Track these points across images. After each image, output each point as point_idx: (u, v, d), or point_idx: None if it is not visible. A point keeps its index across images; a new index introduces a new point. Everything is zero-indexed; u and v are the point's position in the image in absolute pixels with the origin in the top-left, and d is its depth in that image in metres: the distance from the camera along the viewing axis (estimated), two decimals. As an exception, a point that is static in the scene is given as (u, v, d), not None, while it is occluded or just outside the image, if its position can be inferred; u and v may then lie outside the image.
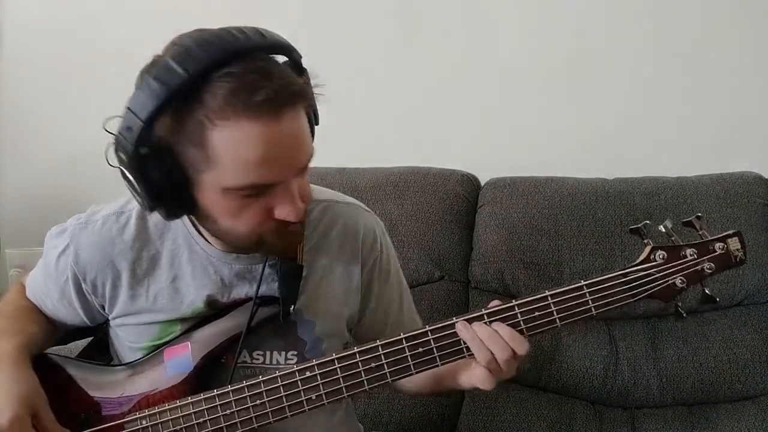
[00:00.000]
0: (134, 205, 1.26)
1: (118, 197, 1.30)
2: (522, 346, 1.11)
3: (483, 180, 2.12)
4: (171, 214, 1.10)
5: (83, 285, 1.25)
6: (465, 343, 1.13)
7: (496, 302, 1.15)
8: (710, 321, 1.84)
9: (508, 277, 1.94)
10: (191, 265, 1.24)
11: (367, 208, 1.39)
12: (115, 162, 1.06)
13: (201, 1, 2.30)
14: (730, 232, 1.16)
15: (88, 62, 2.44)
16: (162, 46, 1.10)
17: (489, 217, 2.00)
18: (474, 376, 1.15)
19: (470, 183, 2.09)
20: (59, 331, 1.36)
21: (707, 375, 1.80)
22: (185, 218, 1.23)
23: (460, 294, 1.99)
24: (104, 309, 1.28)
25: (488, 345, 1.11)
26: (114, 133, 1.03)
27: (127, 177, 1.04)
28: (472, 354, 1.13)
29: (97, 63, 2.43)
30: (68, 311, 1.30)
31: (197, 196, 1.07)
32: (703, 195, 1.92)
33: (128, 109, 1.00)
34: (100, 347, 1.40)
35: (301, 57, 1.08)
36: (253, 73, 0.98)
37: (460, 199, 2.04)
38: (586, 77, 2.22)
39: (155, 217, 1.24)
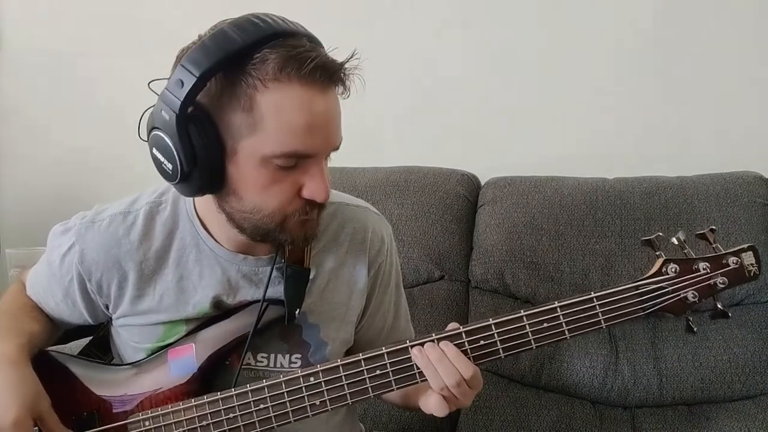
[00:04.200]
0: (141, 205, 1.25)
1: (119, 197, 1.30)
2: (467, 369, 1.10)
3: (483, 180, 2.12)
4: (198, 186, 1.10)
5: (88, 285, 1.24)
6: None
7: (453, 324, 1.15)
8: (710, 321, 1.83)
9: (508, 277, 1.94)
10: (199, 266, 1.23)
11: (377, 212, 1.39)
12: (146, 132, 1.08)
13: (202, 6, 2.29)
14: (745, 246, 1.14)
15: (89, 63, 2.44)
16: (163, 47, 1.12)
17: (489, 217, 2.00)
18: (429, 403, 1.16)
19: (470, 183, 2.09)
20: (60, 330, 1.36)
21: (707, 375, 1.80)
22: (194, 216, 1.23)
23: (460, 294, 1.99)
24: (108, 309, 1.28)
25: (437, 368, 1.10)
26: (159, 93, 1.06)
27: (163, 142, 1.05)
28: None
29: (98, 64, 2.43)
30: (72, 310, 1.29)
31: (229, 168, 1.08)
32: (703, 195, 1.92)
33: (182, 65, 1.01)
34: (101, 346, 1.39)
35: None
36: (304, 46, 1.04)
37: (460, 199, 2.04)
38: (585, 77, 2.23)
39: (162, 217, 1.24)
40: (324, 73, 1.04)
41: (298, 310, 1.22)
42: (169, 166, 1.06)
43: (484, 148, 2.30)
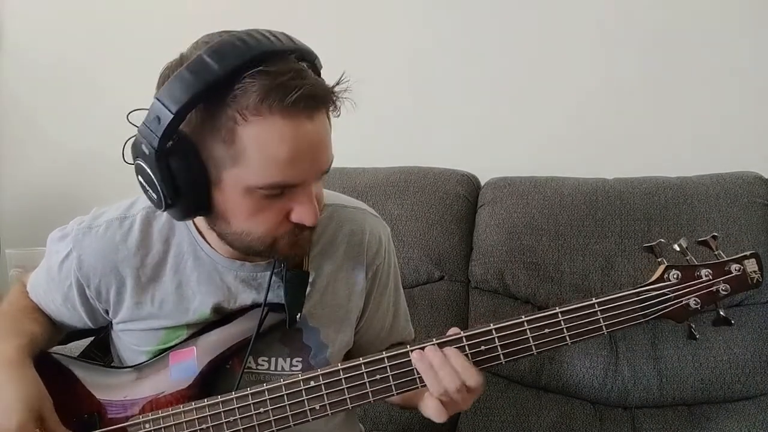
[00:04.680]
0: (138, 210, 1.25)
1: (118, 198, 1.29)
2: (472, 378, 1.09)
3: (483, 180, 2.12)
4: (185, 214, 1.09)
5: (87, 291, 1.24)
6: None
7: (454, 329, 1.14)
8: (710, 321, 1.84)
9: (508, 277, 1.94)
10: (196, 272, 1.23)
11: (374, 213, 1.38)
12: (131, 157, 1.06)
13: (205, 3, 2.29)
14: (747, 253, 1.13)
15: (89, 62, 2.44)
16: (163, 46, 1.11)
17: (489, 217, 2.00)
18: (427, 408, 1.15)
19: (470, 183, 2.09)
20: (61, 332, 1.36)
21: (707, 375, 1.80)
22: (190, 224, 1.23)
23: (460, 294, 1.99)
24: (108, 314, 1.27)
25: (438, 373, 1.10)
26: (138, 125, 1.03)
27: (146, 172, 1.03)
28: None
29: (98, 63, 2.43)
30: (72, 314, 1.29)
31: (215, 196, 1.06)
32: (703, 195, 1.92)
33: (158, 100, 0.99)
34: (101, 347, 1.40)
35: (321, 66, 1.09)
36: (288, 73, 0.99)
37: (460, 199, 2.04)
38: (585, 77, 2.23)
39: (159, 223, 1.24)
40: (309, 102, 1.00)
41: (299, 314, 1.21)
42: (154, 195, 1.05)
43: (484, 148, 2.29)
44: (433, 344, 1.12)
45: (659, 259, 1.14)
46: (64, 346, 1.43)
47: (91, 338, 1.42)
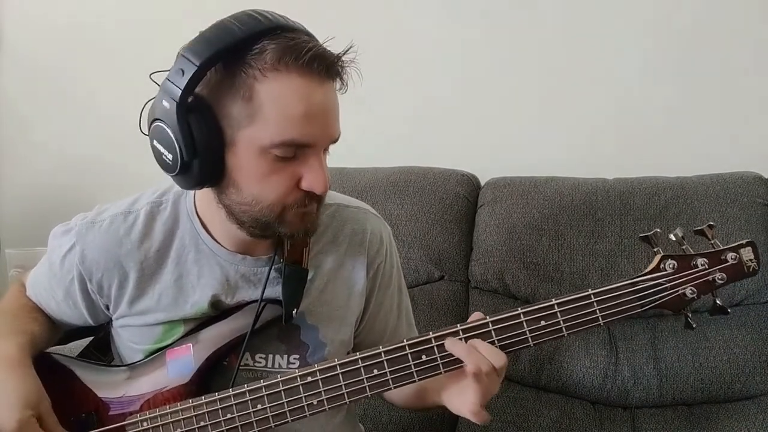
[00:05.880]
0: (142, 205, 1.26)
1: (117, 198, 1.30)
2: (500, 359, 1.10)
3: (483, 180, 2.12)
4: (197, 178, 1.10)
5: (89, 285, 1.25)
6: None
7: (478, 314, 1.14)
8: (710, 321, 1.83)
9: (508, 277, 1.94)
10: (197, 265, 1.24)
11: (375, 213, 1.39)
12: (147, 125, 1.10)
13: (202, 12, 2.29)
14: (743, 241, 1.13)
15: (89, 63, 2.44)
16: (161, 49, 1.14)
17: (489, 217, 2.00)
18: (465, 406, 1.16)
19: (470, 183, 2.09)
20: (60, 331, 1.36)
21: (707, 375, 1.80)
22: (194, 216, 1.24)
23: (460, 294, 1.99)
24: (108, 309, 1.28)
25: (488, 355, 1.09)
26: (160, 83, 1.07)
27: (164, 132, 1.06)
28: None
29: (98, 64, 2.44)
30: (72, 311, 1.30)
31: (228, 159, 1.09)
32: (703, 195, 1.92)
33: (182, 54, 1.04)
34: (101, 347, 1.40)
35: None
36: (302, 37, 1.07)
37: (460, 199, 2.04)
38: (586, 77, 2.23)
39: (163, 217, 1.25)
40: (321, 63, 1.05)
41: (295, 310, 1.22)
42: (170, 156, 1.07)
43: (484, 148, 2.29)
44: (429, 339, 1.12)
45: (655, 249, 1.14)
46: (63, 346, 1.44)
47: (90, 338, 1.43)
